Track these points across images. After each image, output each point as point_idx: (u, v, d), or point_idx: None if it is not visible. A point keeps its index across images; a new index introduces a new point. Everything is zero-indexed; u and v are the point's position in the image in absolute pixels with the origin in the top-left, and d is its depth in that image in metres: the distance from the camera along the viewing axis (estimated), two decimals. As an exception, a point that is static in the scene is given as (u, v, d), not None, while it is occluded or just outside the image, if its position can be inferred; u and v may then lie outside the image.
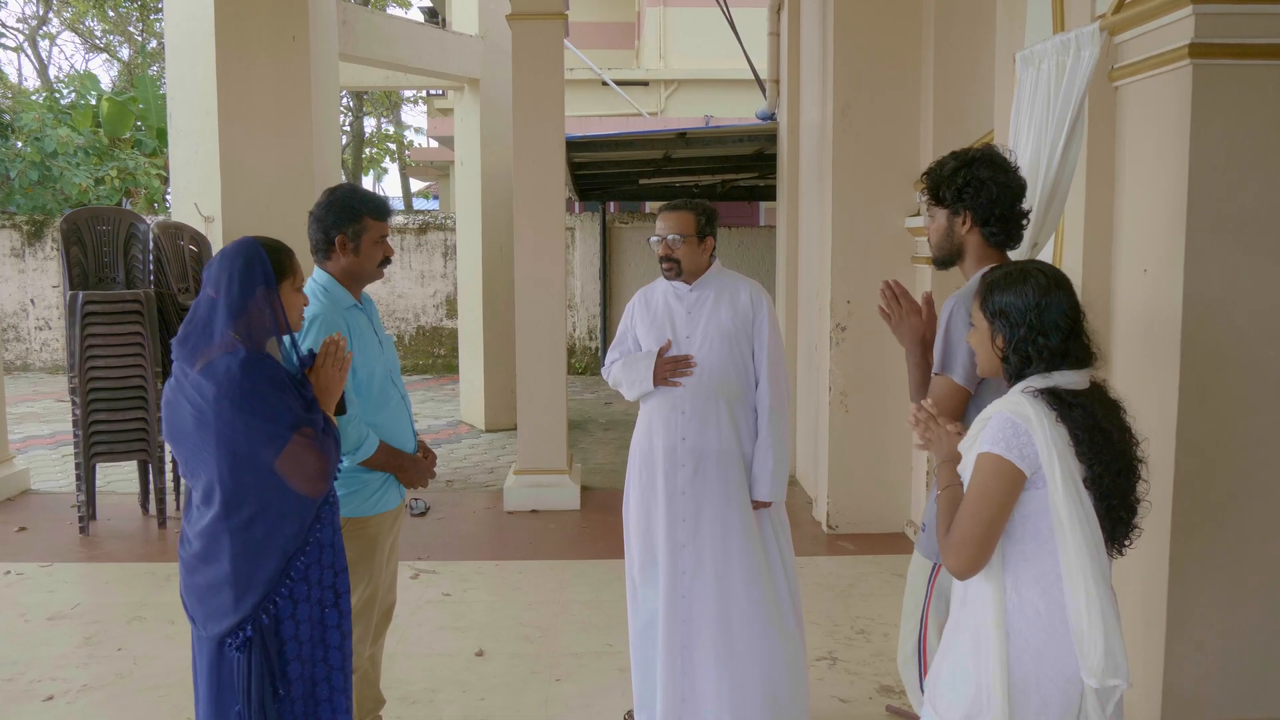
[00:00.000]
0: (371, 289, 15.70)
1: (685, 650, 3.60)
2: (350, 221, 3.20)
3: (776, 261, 8.84)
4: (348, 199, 3.23)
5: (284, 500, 2.56)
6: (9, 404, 11.24)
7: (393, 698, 4.14)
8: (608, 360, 3.87)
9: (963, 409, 2.86)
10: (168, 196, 16.67)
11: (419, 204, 31.35)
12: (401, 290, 15.13)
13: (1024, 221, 2.94)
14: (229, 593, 2.55)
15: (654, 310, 3.77)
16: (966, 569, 2.24)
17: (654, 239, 3.67)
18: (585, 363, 15.42)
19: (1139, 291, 3.67)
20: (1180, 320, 3.42)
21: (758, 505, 3.61)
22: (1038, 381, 2.27)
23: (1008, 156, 2.96)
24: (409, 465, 3.30)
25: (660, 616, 3.62)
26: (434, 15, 13.48)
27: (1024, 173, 3.38)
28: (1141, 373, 3.66)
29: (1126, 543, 2.31)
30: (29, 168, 15.86)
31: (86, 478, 6.53)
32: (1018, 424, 2.20)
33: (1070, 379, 2.28)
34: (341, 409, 3.03)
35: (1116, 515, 2.25)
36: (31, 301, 15.01)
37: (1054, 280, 2.32)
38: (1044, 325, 2.27)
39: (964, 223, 2.92)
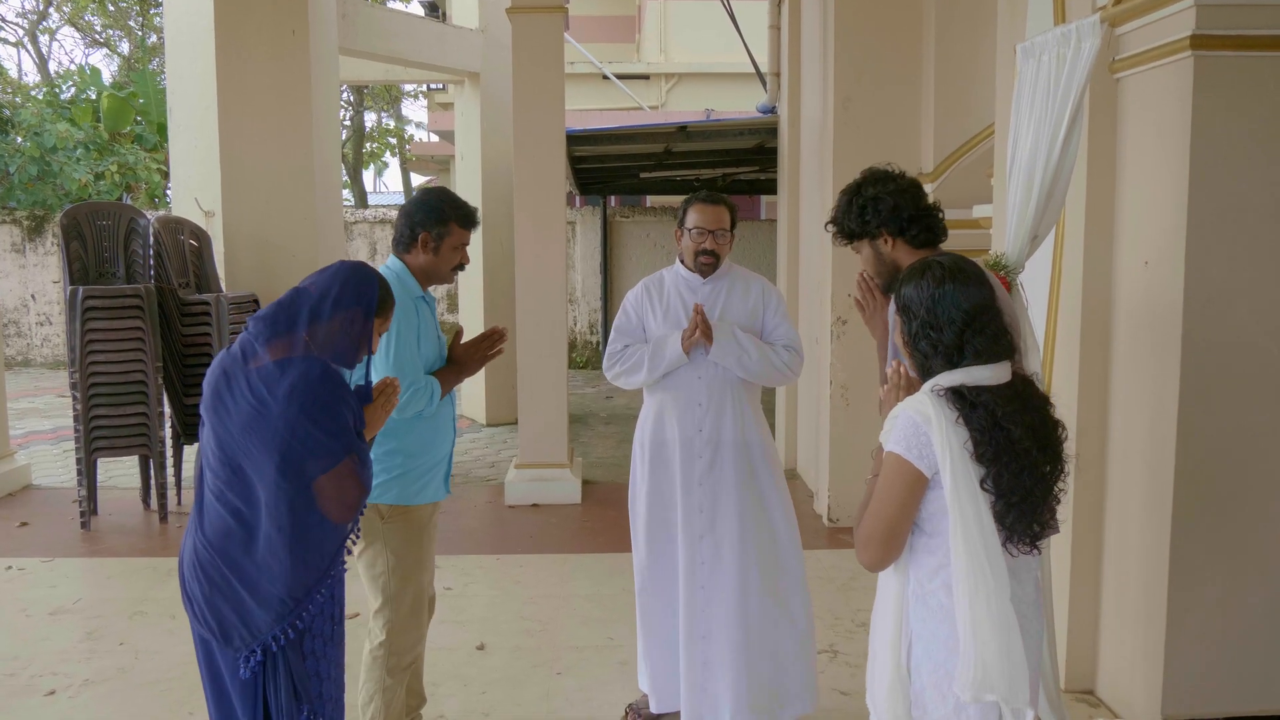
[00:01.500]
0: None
1: (705, 640, 3.61)
2: (437, 223, 3.30)
3: (777, 255, 8.84)
4: (439, 201, 3.34)
5: (316, 520, 2.49)
6: (10, 399, 11.25)
7: (394, 692, 4.17)
8: (611, 350, 3.78)
9: None
10: (168, 191, 16.67)
11: (420, 198, 31.23)
12: (402, 285, 15.12)
13: (938, 214, 3.00)
14: (247, 603, 2.50)
15: (667, 301, 3.75)
16: (872, 563, 2.23)
17: (693, 230, 3.67)
18: (586, 357, 15.42)
19: (1140, 284, 3.66)
20: (1181, 312, 3.42)
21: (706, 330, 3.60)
22: (945, 379, 2.20)
23: (890, 169, 3.05)
24: (460, 368, 3.39)
25: (680, 607, 3.63)
26: (434, 9, 13.45)
27: (1024, 165, 3.39)
28: (1142, 365, 3.66)
29: (1037, 541, 2.21)
30: (29, 163, 15.85)
31: (88, 473, 6.53)
32: (919, 424, 2.15)
33: (982, 375, 2.18)
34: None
35: (1019, 514, 2.15)
36: (32, 297, 15.01)
37: (951, 272, 2.25)
38: (937, 319, 2.22)
39: (886, 242, 2.99)
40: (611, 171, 12.76)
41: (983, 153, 5.61)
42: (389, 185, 38.66)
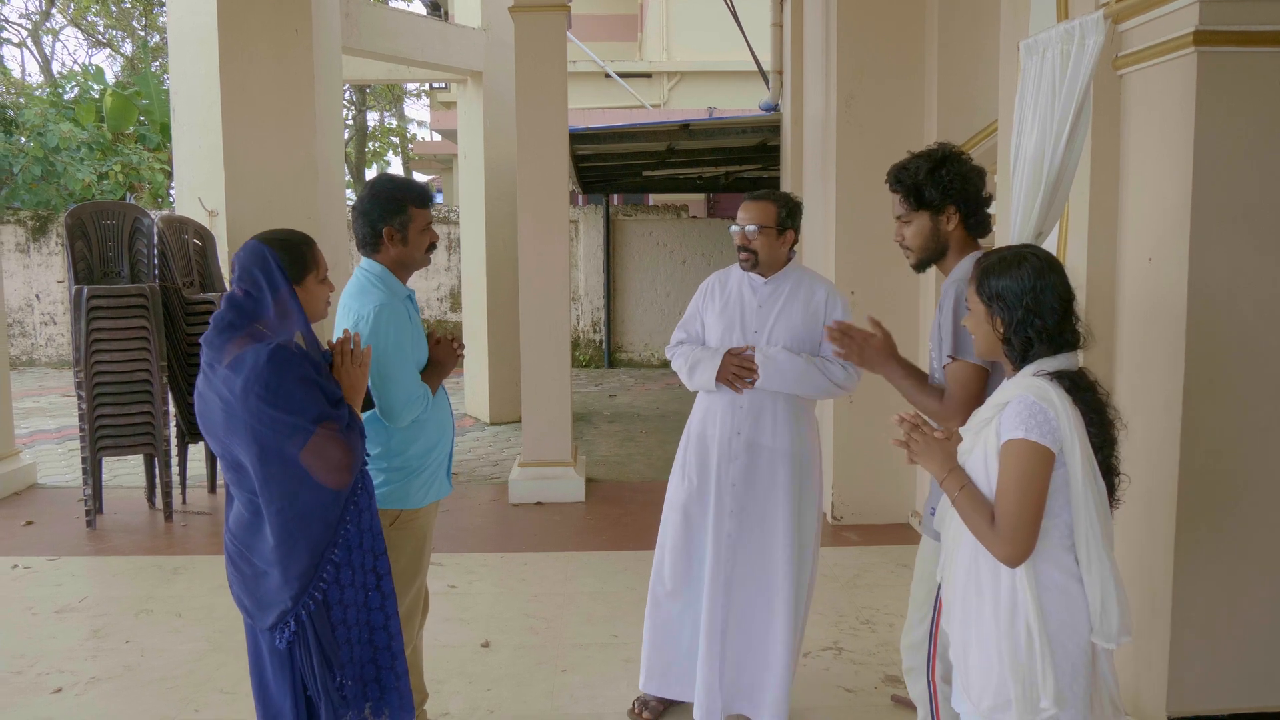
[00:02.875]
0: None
1: (723, 635, 3.65)
2: (396, 213, 3.21)
3: (780, 253, 8.83)
4: (390, 190, 3.23)
5: (311, 493, 2.60)
6: (15, 399, 11.27)
7: (399, 689, 4.18)
8: (674, 340, 3.87)
9: (984, 386, 2.90)
10: (172, 191, 16.68)
11: (422, 197, 31.24)
12: (405, 284, 15.14)
13: (990, 208, 3.09)
14: (270, 581, 2.63)
15: (727, 296, 3.76)
16: (1023, 554, 2.29)
17: (734, 228, 3.67)
18: (589, 355, 15.42)
19: (1143, 280, 3.66)
20: (1185, 309, 3.41)
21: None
22: (1048, 364, 2.36)
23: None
24: (441, 368, 3.34)
25: (704, 600, 3.66)
26: (436, 8, 13.47)
27: (1028, 162, 3.38)
28: (1146, 362, 3.66)
29: (1117, 504, 2.50)
30: (33, 163, 15.88)
31: (93, 472, 6.55)
32: (1043, 407, 2.27)
33: (1075, 360, 2.39)
34: (369, 404, 3.08)
35: (1110, 482, 2.45)
36: (37, 297, 15.04)
37: (1048, 264, 2.40)
38: (1040, 308, 2.36)
39: (948, 220, 3.01)
40: (614, 170, 12.76)
41: (986, 150, 5.61)
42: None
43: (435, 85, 20.26)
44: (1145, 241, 3.65)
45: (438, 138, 23.25)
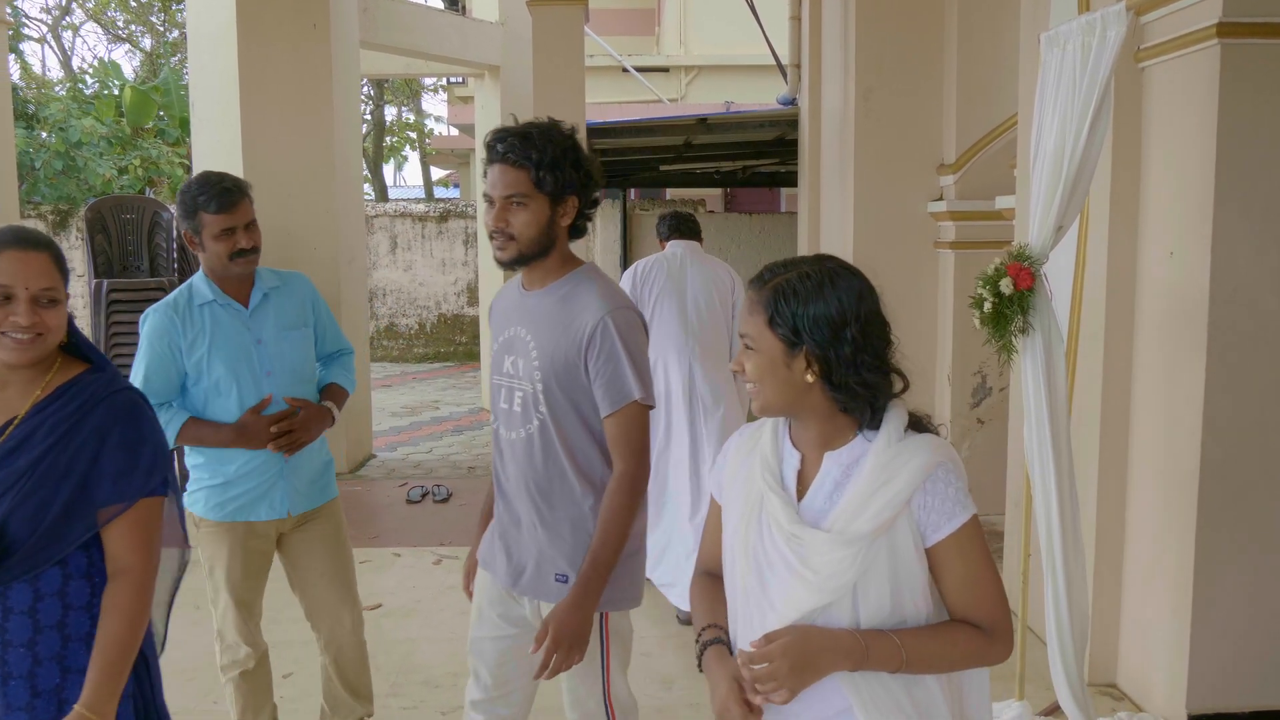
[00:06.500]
0: (394, 277, 15.72)
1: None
2: (188, 218, 3.01)
3: (798, 248, 8.81)
4: (186, 193, 3.01)
5: None
6: (36, 392, 11.34)
7: (415, 682, 4.19)
8: None
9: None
10: (190, 186, 16.73)
11: (440, 192, 31.40)
12: (422, 278, 15.17)
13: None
14: None
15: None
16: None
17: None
18: (606, 350, 15.42)
19: (1165, 274, 3.64)
20: (1207, 303, 3.39)
21: None
22: (902, 412, 1.79)
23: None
24: (234, 434, 3.05)
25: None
26: (454, 3, 13.48)
27: (1048, 156, 3.36)
28: (1167, 357, 3.63)
29: None
30: (53, 158, 15.97)
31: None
32: (962, 469, 1.78)
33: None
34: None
35: None
36: (57, 290, 15.14)
37: (860, 276, 1.84)
38: (869, 339, 1.75)
39: (565, 213, 2.45)
40: (631, 164, 12.75)
41: (1006, 143, 5.57)
42: (409, 179, 38.78)
43: (453, 80, 20.28)
44: (1166, 235, 3.62)
45: (455, 132, 23.28)
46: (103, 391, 2.11)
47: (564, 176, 2.40)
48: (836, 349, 1.71)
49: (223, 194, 2.98)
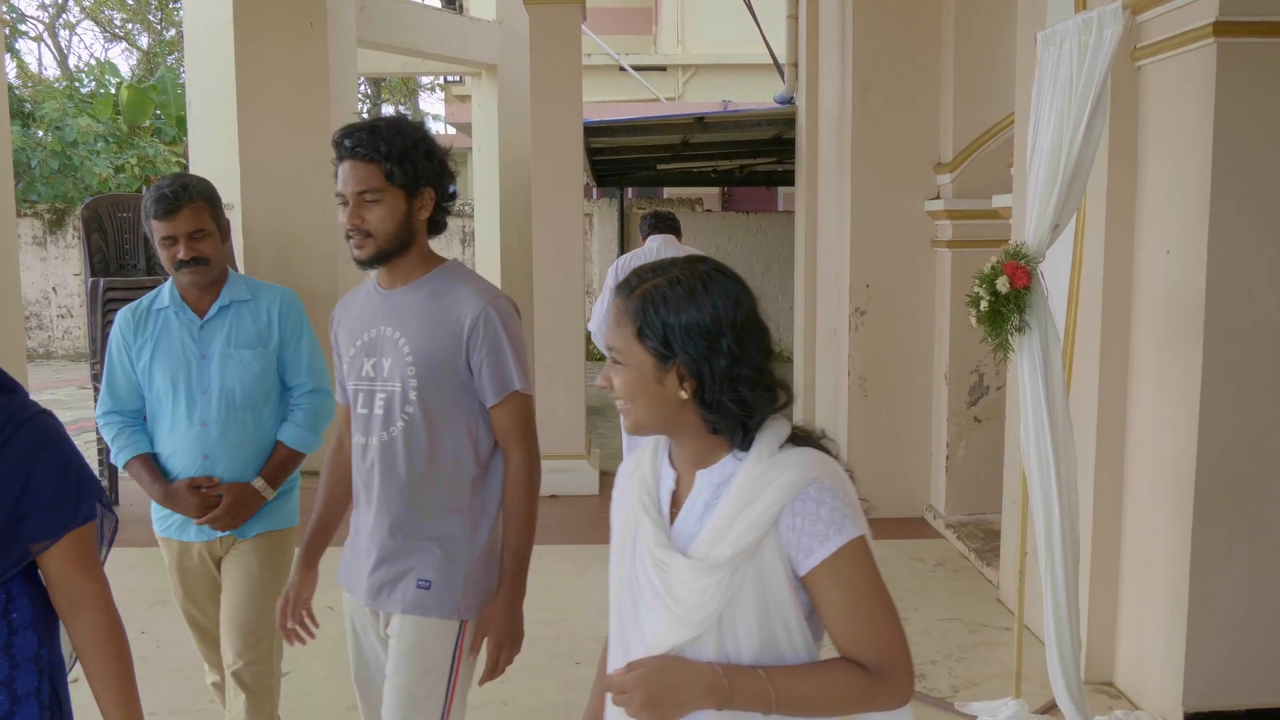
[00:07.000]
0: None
1: None
2: (144, 221, 2.88)
3: (795, 247, 8.81)
4: (144, 200, 2.86)
5: None
6: (33, 391, 11.32)
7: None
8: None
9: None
10: (187, 184, 16.72)
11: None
12: (420, 277, 15.19)
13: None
14: None
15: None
16: (913, 677, 1.60)
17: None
18: (603, 349, 15.44)
19: (1162, 273, 3.64)
20: (1204, 302, 3.39)
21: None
22: (783, 429, 1.63)
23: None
24: (162, 495, 2.91)
25: None
26: (451, 1, 13.48)
27: (1045, 154, 3.36)
28: (1164, 355, 3.64)
29: None
30: (50, 156, 15.96)
31: (109, 463, 6.58)
32: (846, 486, 1.60)
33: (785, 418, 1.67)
34: None
35: None
36: (54, 289, 15.12)
37: (736, 280, 1.63)
38: (746, 350, 1.57)
39: (422, 207, 2.40)
40: (629, 163, 12.75)
41: (1003, 142, 5.58)
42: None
43: (450, 79, 20.28)
44: (1163, 234, 3.63)
45: (452, 131, 23.27)
46: (20, 416, 1.97)
47: (416, 168, 2.34)
48: (711, 362, 1.54)
49: (161, 199, 2.81)
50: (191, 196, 2.83)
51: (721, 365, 1.54)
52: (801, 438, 1.63)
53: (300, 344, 3.02)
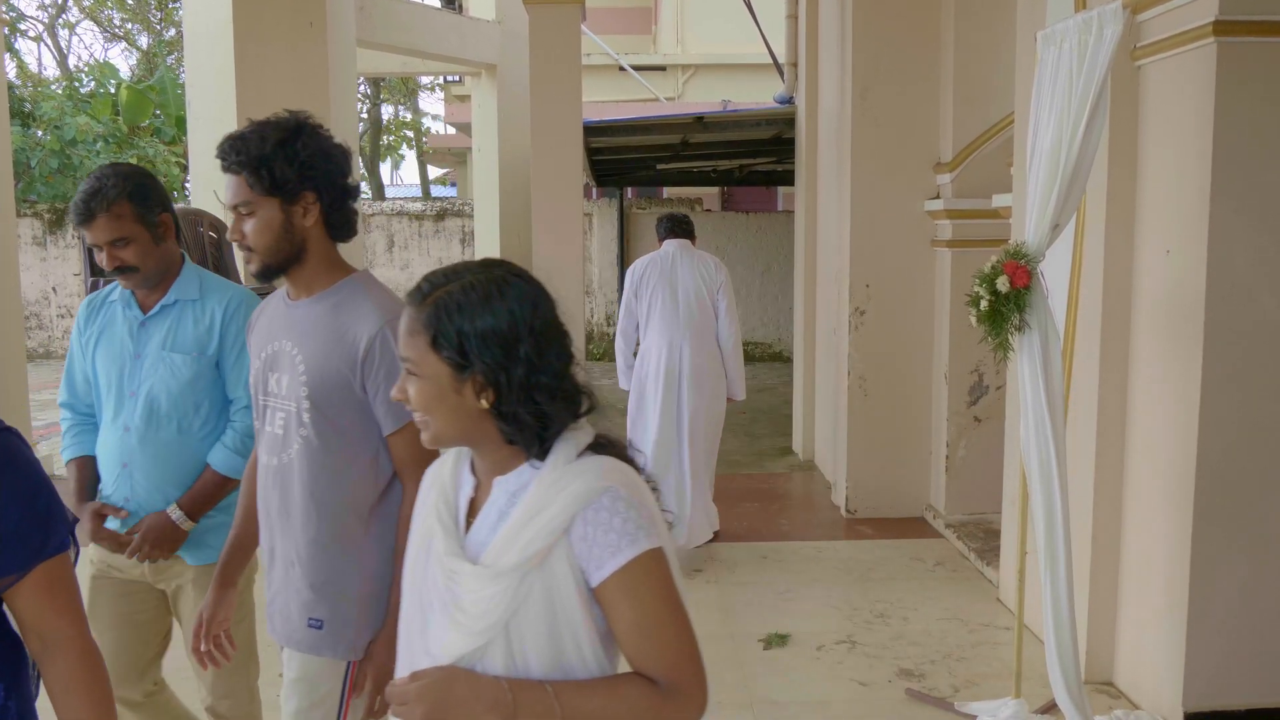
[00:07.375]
0: (391, 276, 15.71)
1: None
2: None
3: (795, 246, 8.81)
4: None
5: None
6: (32, 391, 11.34)
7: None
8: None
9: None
10: (187, 184, 16.75)
11: (437, 191, 31.40)
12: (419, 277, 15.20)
13: (355, 201, 2.36)
14: None
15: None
16: (707, 691, 1.54)
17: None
18: (603, 349, 15.41)
19: (1162, 273, 3.64)
20: (1204, 302, 3.39)
21: None
22: (581, 436, 1.58)
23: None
24: (78, 510, 2.66)
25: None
26: (451, 1, 13.48)
27: (1045, 154, 3.36)
28: (1164, 355, 3.64)
29: None
30: (49, 156, 15.96)
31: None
32: (644, 497, 1.55)
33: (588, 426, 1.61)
34: None
35: None
36: (53, 289, 15.12)
37: (532, 283, 1.61)
38: (545, 357, 1.54)
39: (305, 211, 2.22)
40: (628, 163, 12.75)
41: (1002, 142, 5.58)
42: (406, 178, 38.75)
43: (449, 78, 20.29)
44: (1163, 234, 3.63)
45: (452, 131, 23.28)
46: None
47: (281, 172, 2.16)
48: (509, 370, 1.50)
49: (74, 205, 2.58)
50: (108, 201, 2.56)
51: (520, 373, 1.50)
52: (603, 446, 1.59)
53: (242, 353, 2.68)
